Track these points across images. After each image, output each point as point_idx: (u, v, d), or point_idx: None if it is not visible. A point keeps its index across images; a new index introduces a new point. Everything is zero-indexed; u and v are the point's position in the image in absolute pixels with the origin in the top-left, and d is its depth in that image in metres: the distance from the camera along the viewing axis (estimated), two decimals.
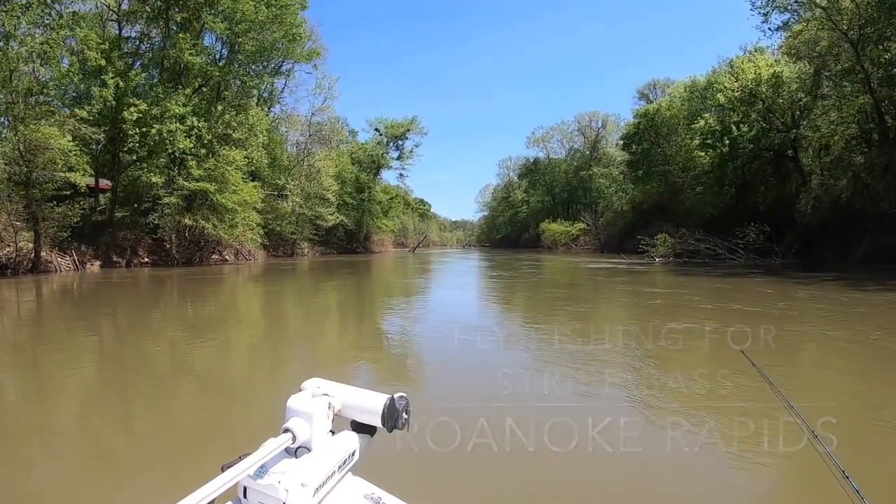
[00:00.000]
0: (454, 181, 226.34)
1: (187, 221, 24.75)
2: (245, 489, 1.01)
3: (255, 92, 34.57)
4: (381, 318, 11.60)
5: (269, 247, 38.08)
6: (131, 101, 23.26)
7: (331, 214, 44.48)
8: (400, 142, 58.69)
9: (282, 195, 40.59)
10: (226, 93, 30.52)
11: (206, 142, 25.51)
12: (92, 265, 23.96)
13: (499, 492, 3.27)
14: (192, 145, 24.45)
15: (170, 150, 24.11)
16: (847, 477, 2.18)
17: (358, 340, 8.86)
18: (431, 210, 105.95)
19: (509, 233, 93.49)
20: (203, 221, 25.01)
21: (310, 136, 44.73)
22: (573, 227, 63.19)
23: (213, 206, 25.41)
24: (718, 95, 30.58)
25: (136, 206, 26.70)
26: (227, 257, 30.93)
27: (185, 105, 24.64)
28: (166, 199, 24.23)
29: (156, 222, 24.63)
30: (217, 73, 27.44)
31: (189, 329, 9.72)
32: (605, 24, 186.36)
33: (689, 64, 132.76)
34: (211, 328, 9.83)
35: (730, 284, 16.61)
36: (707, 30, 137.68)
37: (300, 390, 1.17)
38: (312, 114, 45.58)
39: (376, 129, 58.79)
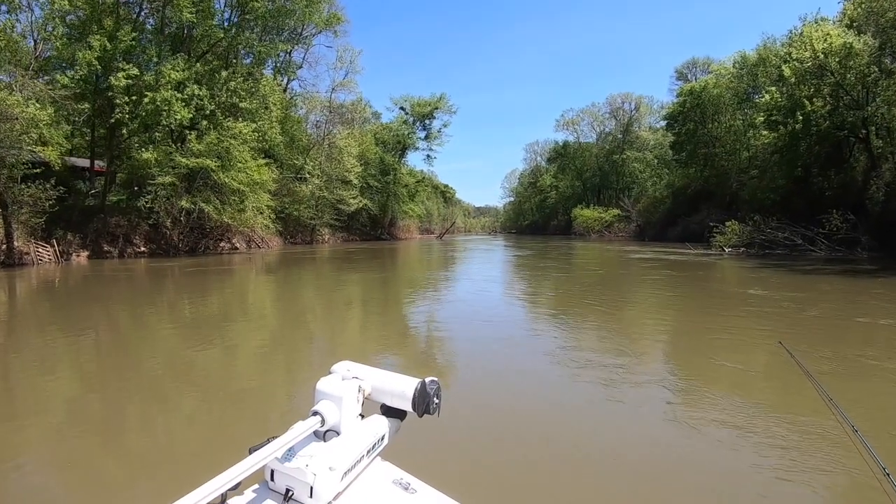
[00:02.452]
0: (476, 170, 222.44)
1: (184, 204, 21.26)
2: (272, 472, 0.99)
3: (268, 61, 31.02)
4: (416, 327, 9.03)
5: (285, 233, 34.88)
6: (120, 65, 19.86)
7: (353, 198, 40.90)
8: (427, 121, 54.64)
9: (300, 178, 37.24)
10: (234, 60, 26.94)
11: (207, 112, 21.94)
12: (78, 256, 20.89)
13: (529, 481, 3.19)
14: (190, 116, 20.91)
15: (165, 123, 20.63)
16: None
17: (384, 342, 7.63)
18: (456, 195, 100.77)
19: (537, 219, 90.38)
20: (203, 204, 21.49)
21: (330, 112, 41.01)
22: (607, 214, 60.74)
23: (218, 186, 21.89)
24: (784, 67, 27.01)
25: (135, 188, 23.47)
26: (238, 245, 27.65)
27: (184, 70, 21.07)
28: (160, 179, 20.75)
29: (148, 206, 21.19)
30: (221, 35, 23.76)
31: (188, 333, 8.21)
32: (630, 12, 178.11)
33: (724, 47, 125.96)
34: (212, 334, 8.09)
35: (858, 286, 13.01)
36: (742, 13, 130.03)
37: (330, 373, 1.15)
38: (333, 88, 41.95)
39: (402, 108, 54.86)
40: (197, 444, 3.91)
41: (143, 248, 22.80)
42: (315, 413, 1.03)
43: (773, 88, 29.00)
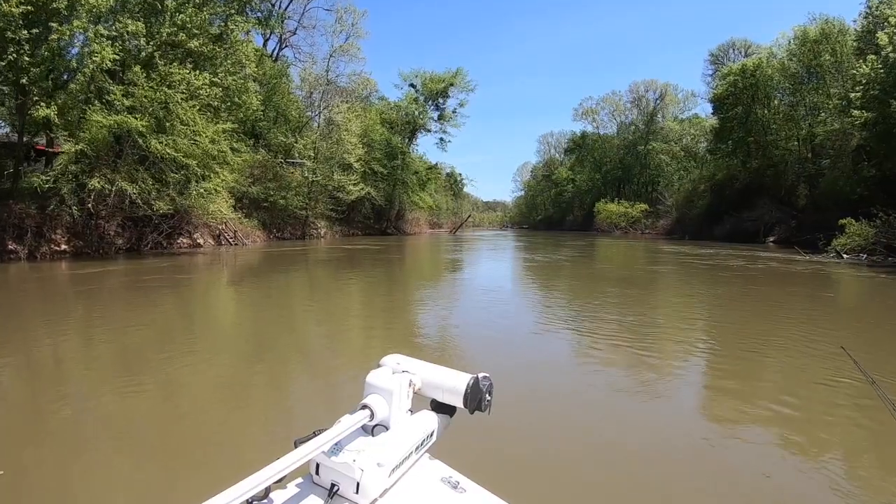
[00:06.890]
0: (484, 164, 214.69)
1: (95, 184, 15.09)
2: (318, 466, 0.96)
3: (250, 14, 24.69)
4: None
5: (271, 226, 28.78)
6: None
7: (354, 185, 34.67)
8: (441, 100, 48.24)
9: (289, 162, 31.10)
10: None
11: (143, 56, 15.70)
12: None
13: (582, 486, 3.06)
14: (116, 57, 14.69)
15: (79, 68, 14.44)
16: None
17: None
18: (466, 188, 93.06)
19: (552, 214, 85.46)
20: (126, 185, 15.23)
21: (328, 82, 34.71)
22: (633, 209, 56.15)
23: (154, 160, 15.54)
24: (880, 35, 23.54)
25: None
26: (201, 241, 21.46)
27: None
28: (66, 147, 14.54)
29: (48, 185, 15.02)
30: None
31: (112, 372, 5.37)
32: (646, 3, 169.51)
33: (756, 32, 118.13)
34: (147, 374, 5.14)
35: None
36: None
37: (379, 366, 1.12)
38: (331, 54, 35.68)
39: (412, 85, 48.37)
40: None
41: (64, 247, 16.71)
42: (364, 407, 1.00)
43: (874, 57, 24.05)
